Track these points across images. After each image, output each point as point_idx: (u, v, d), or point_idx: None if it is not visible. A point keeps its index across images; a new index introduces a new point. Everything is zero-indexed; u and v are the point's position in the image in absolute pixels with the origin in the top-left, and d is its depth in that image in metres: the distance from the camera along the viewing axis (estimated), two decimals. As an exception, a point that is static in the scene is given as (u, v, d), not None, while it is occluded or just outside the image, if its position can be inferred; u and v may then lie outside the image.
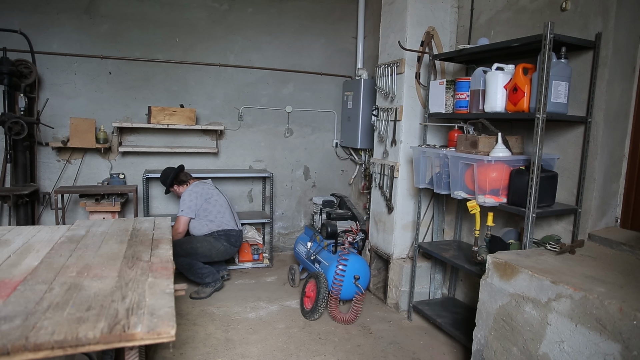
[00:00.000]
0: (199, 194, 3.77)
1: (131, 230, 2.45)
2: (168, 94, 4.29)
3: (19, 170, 3.72)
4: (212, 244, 3.69)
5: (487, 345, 2.18)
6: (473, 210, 2.50)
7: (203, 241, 3.68)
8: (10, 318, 1.30)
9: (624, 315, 1.57)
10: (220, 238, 3.73)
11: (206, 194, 3.80)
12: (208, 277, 3.63)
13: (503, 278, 2.10)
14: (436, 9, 3.40)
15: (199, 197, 3.75)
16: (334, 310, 3.19)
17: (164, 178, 3.86)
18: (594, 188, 2.43)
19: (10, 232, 2.33)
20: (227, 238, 3.76)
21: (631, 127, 2.51)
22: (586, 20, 2.43)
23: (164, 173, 3.87)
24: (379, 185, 3.74)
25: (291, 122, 4.78)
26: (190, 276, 3.64)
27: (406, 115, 3.42)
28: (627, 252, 2.27)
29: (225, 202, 3.93)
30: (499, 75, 2.52)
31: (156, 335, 1.27)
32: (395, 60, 3.47)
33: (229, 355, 2.70)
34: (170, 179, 3.84)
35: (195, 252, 3.63)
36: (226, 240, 3.75)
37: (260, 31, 4.52)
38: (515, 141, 2.59)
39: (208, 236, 3.72)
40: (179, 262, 3.58)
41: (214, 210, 3.78)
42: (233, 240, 3.80)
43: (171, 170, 3.87)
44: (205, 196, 3.78)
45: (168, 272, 1.78)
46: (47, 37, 3.87)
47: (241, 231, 3.93)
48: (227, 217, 3.84)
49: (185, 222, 3.71)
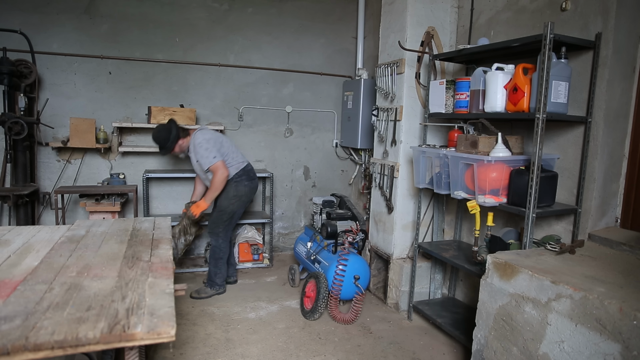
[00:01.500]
0: (213, 139, 3.45)
1: (131, 230, 2.45)
2: (168, 94, 4.29)
3: (19, 170, 3.72)
4: (237, 194, 3.51)
5: (487, 345, 2.18)
6: (473, 210, 2.50)
7: (230, 199, 3.51)
8: (10, 318, 1.30)
9: (624, 315, 1.57)
10: (242, 180, 3.55)
11: (216, 137, 3.51)
12: (219, 278, 3.60)
13: (503, 278, 2.10)
14: (436, 9, 3.40)
15: (215, 141, 3.45)
16: (334, 310, 3.18)
17: (165, 134, 3.43)
18: (594, 188, 2.43)
19: (10, 232, 2.33)
20: (247, 176, 3.60)
21: (631, 127, 2.51)
22: (586, 20, 2.43)
23: (163, 129, 3.47)
24: (379, 185, 3.74)
25: (291, 122, 4.78)
26: (210, 263, 3.61)
27: (406, 115, 3.42)
28: (627, 252, 2.27)
29: (228, 139, 3.68)
30: (499, 75, 2.52)
31: (156, 335, 1.27)
32: (395, 60, 3.47)
33: (229, 355, 2.70)
34: (175, 132, 3.45)
35: (231, 218, 3.55)
36: (247, 178, 3.59)
37: (260, 31, 4.52)
38: (515, 141, 2.59)
39: (231, 187, 3.50)
40: (217, 244, 3.54)
41: (229, 152, 3.54)
42: (252, 175, 3.65)
43: (170, 125, 3.50)
44: (218, 139, 3.50)
45: (168, 272, 1.77)
46: (47, 37, 3.87)
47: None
48: (238, 154, 3.64)
49: (224, 164, 3.40)
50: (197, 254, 4.57)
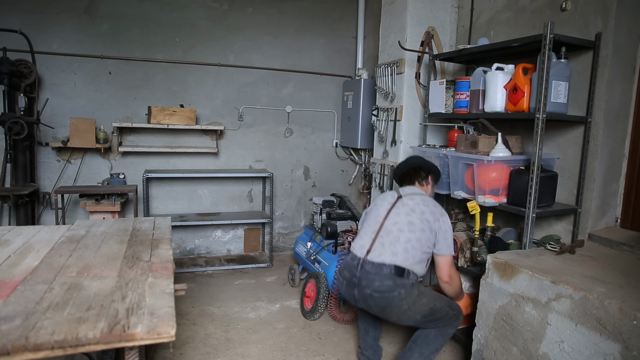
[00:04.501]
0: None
1: (131, 230, 2.45)
2: (168, 94, 4.29)
3: (19, 170, 3.72)
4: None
5: (487, 345, 2.18)
6: (473, 210, 2.50)
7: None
8: (10, 318, 1.30)
9: (624, 315, 1.57)
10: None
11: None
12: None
13: (503, 278, 2.10)
14: (436, 9, 3.40)
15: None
16: (334, 310, 3.18)
17: (424, 162, 2.57)
18: (594, 188, 2.43)
19: (10, 232, 2.33)
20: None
21: (631, 127, 2.51)
22: (586, 20, 2.43)
23: (419, 158, 2.63)
24: (379, 185, 3.74)
25: (291, 122, 4.78)
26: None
27: (406, 115, 3.42)
28: (627, 252, 2.27)
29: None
30: (499, 75, 2.52)
31: (156, 335, 1.27)
32: (395, 60, 3.47)
33: (229, 355, 2.70)
34: (433, 166, 2.58)
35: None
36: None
37: (260, 31, 4.52)
38: (515, 141, 2.59)
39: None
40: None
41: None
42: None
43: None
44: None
45: (168, 272, 1.77)
46: (47, 37, 3.87)
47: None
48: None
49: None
50: (197, 254, 4.58)
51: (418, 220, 2.25)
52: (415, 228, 2.23)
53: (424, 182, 2.52)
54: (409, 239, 2.22)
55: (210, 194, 4.55)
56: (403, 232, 2.24)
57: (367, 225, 2.39)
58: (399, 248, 2.21)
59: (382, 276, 2.17)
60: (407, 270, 2.19)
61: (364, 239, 2.34)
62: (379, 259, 2.21)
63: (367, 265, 2.22)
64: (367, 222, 2.42)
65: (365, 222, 2.45)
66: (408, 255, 2.20)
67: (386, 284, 2.16)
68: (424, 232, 2.23)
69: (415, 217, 2.26)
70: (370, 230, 2.35)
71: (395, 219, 2.29)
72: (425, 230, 2.24)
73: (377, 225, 2.33)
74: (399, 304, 2.16)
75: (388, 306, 2.19)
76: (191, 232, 4.51)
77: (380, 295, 2.17)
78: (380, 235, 2.29)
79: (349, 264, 2.33)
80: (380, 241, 2.27)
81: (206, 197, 4.54)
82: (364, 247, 2.30)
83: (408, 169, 2.56)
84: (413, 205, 2.31)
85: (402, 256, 2.19)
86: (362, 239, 2.36)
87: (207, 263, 4.34)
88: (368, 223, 2.40)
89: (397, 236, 2.24)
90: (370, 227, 2.36)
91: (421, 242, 2.23)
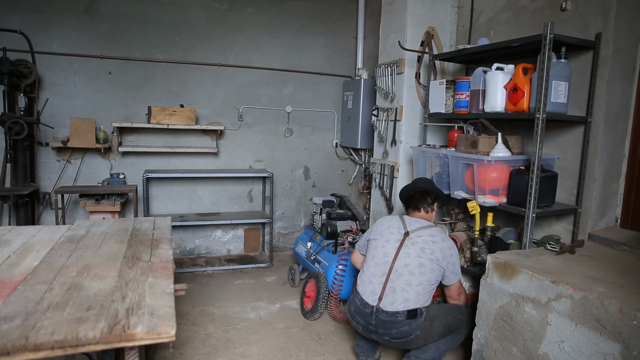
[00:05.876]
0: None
1: (131, 230, 2.45)
2: (168, 94, 4.29)
3: (19, 170, 3.72)
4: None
5: (487, 345, 2.18)
6: (473, 210, 2.50)
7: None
8: (10, 318, 1.30)
9: (624, 315, 1.57)
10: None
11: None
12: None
13: (503, 278, 2.10)
14: (436, 9, 3.40)
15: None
16: (334, 310, 3.18)
17: (432, 186, 2.60)
18: (594, 188, 2.43)
19: (10, 232, 2.33)
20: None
21: (631, 127, 2.51)
22: (586, 20, 2.43)
23: (428, 182, 2.64)
24: (379, 185, 3.74)
25: (291, 122, 4.78)
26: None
27: (406, 115, 3.42)
28: (627, 252, 2.27)
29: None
30: (499, 75, 2.52)
31: (156, 335, 1.27)
32: (395, 60, 3.47)
33: (229, 355, 2.70)
34: (440, 192, 2.60)
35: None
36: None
37: (260, 31, 4.52)
38: (515, 141, 2.59)
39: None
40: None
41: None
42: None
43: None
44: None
45: (168, 272, 1.77)
46: (47, 37, 3.87)
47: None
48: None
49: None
50: (197, 254, 4.58)
51: (428, 261, 2.29)
52: (426, 270, 2.28)
53: (429, 209, 2.54)
54: (420, 282, 2.27)
55: (210, 194, 4.55)
56: (414, 275, 2.27)
57: (375, 265, 2.37)
58: (411, 293, 2.25)
59: (397, 324, 2.24)
60: (419, 310, 2.26)
61: (374, 283, 2.33)
62: (392, 307, 2.24)
63: (381, 314, 2.26)
64: (375, 259, 2.39)
65: (372, 258, 2.41)
66: (420, 297, 2.27)
67: (403, 330, 2.24)
68: (433, 272, 2.30)
69: (426, 259, 2.29)
70: (379, 272, 2.34)
71: (406, 261, 2.30)
72: (434, 270, 2.30)
73: (386, 267, 2.32)
74: (417, 341, 2.29)
75: (407, 344, 2.33)
76: (191, 232, 4.51)
77: (399, 340, 2.28)
78: (390, 279, 2.29)
79: (361, 311, 2.34)
80: (391, 286, 2.28)
81: (206, 197, 4.54)
82: (375, 293, 2.31)
83: (415, 192, 2.56)
84: (422, 245, 2.32)
85: (414, 300, 2.25)
86: (371, 282, 2.34)
87: (207, 263, 4.34)
88: (376, 262, 2.37)
89: (409, 280, 2.26)
90: (379, 269, 2.35)
91: (431, 282, 2.30)
